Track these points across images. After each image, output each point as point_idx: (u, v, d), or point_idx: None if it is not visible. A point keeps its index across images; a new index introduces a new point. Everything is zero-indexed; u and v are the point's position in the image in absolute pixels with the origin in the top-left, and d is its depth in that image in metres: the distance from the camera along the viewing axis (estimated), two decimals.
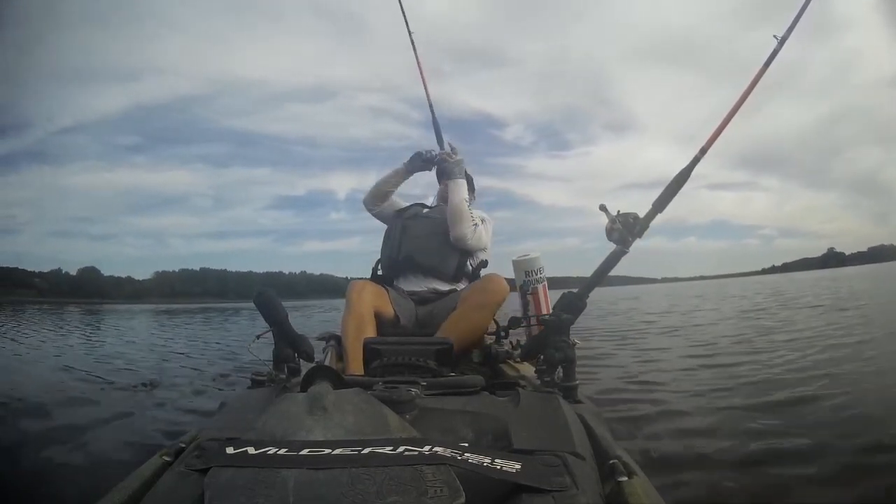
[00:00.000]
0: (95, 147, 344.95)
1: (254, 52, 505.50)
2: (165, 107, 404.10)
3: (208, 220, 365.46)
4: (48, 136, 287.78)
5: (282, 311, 1.10)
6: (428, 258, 1.72)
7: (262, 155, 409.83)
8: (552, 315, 1.06)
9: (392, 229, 1.82)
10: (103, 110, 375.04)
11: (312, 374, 0.77)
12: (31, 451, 1.71)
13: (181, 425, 1.96)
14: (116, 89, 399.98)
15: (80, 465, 1.58)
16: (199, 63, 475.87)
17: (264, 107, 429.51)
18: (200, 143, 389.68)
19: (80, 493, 1.26)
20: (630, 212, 1.05)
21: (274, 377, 1.07)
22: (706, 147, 1.11)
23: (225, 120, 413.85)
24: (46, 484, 1.42)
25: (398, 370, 0.95)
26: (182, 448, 0.62)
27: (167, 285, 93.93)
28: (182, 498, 0.48)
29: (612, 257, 1.07)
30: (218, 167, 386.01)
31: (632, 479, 0.56)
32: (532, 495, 0.47)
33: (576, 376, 1.01)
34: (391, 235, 1.80)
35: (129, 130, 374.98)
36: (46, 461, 1.61)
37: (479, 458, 0.50)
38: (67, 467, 1.57)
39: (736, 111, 1.14)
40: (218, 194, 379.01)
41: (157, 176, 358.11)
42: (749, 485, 1.30)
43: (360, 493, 0.43)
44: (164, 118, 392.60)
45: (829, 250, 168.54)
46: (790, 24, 1.19)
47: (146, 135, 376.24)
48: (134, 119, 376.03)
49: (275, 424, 0.58)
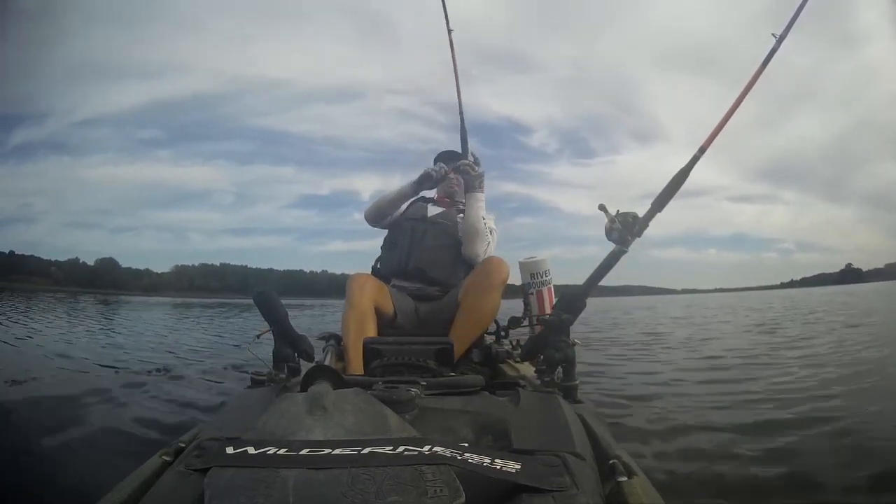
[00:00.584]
0: (117, 140, 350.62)
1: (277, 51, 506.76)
2: (188, 103, 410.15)
3: (230, 217, 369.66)
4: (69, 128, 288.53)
5: (281, 311, 1.09)
6: (439, 272, 1.65)
7: (287, 153, 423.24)
8: (552, 315, 1.06)
9: (399, 234, 1.73)
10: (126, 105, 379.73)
11: (312, 374, 0.77)
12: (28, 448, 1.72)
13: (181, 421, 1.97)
14: (139, 85, 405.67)
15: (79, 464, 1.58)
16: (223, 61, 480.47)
17: (289, 106, 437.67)
18: (224, 141, 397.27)
19: (81, 493, 1.26)
20: (629, 211, 1.06)
21: (274, 377, 1.07)
22: (705, 146, 1.11)
23: (248, 118, 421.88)
24: (47, 484, 1.42)
25: (398, 370, 0.95)
26: (182, 448, 0.63)
27: (186, 279, 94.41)
28: (182, 498, 0.48)
29: (612, 257, 1.07)
30: (241, 164, 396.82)
31: (632, 479, 0.56)
32: (532, 495, 0.47)
33: (576, 376, 1.01)
34: (399, 241, 1.71)
35: (151, 125, 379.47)
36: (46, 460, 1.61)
37: (479, 458, 0.50)
38: (67, 467, 1.57)
39: (735, 109, 1.15)
40: (240, 191, 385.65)
41: (179, 171, 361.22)
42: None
43: (360, 493, 0.43)
44: (186, 114, 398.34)
45: (847, 266, 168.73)
46: (788, 23, 1.19)
47: (169, 130, 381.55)
48: (156, 114, 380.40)
49: (275, 424, 0.58)
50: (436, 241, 1.68)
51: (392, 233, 1.77)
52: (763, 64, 1.18)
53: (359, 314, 1.39)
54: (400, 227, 1.74)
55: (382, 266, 1.77)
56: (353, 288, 1.43)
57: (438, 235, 1.69)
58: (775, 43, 1.18)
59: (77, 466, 1.56)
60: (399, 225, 1.75)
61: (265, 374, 1.05)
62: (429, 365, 0.95)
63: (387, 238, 1.79)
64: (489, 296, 1.41)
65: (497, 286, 1.41)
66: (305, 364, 1.16)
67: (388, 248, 1.75)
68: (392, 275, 1.70)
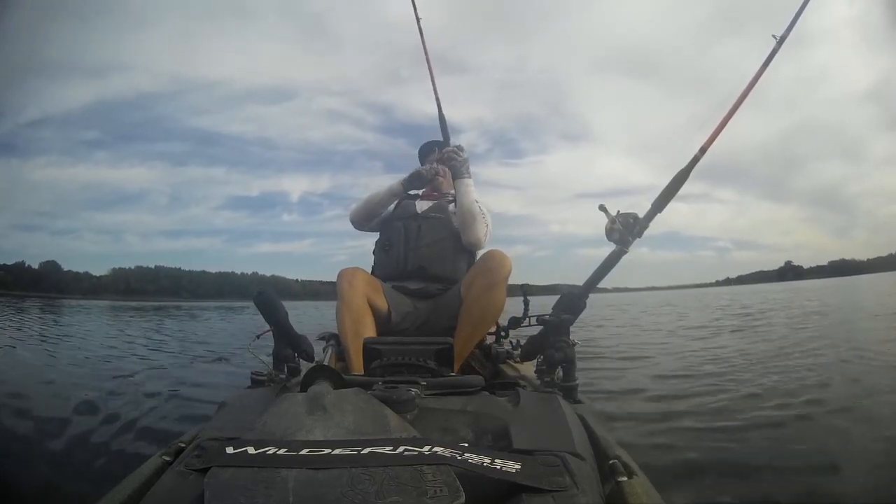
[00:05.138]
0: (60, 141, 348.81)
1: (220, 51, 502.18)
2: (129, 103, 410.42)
3: (164, 219, 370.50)
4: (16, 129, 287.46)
5: (281, 311, 1.09)
6: (441, 267, 1.59)
7: (220, 154, 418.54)
8: (552, 315, 1.06)
9: (392, 234, 1.66)
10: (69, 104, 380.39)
11: (312, 374, 0.77)
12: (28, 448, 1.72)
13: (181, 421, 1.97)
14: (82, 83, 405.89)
15: (79, 465, 1.58)
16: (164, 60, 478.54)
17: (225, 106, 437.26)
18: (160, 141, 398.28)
19: (81, 493, 1.26)
20: (630, 212, 1.06)
21: (274, 377, 1.07)
22: (706, 146, 1.11)
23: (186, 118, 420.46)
24: (47, 484, 1.42)
25: (398, 370, 0.95)
26: (182, 448, 0.62)
27: (123, 282, 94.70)
28: (182, 498, 0.48)
29: (612, 257, 1.07)
30: (176, 165, 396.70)
31: (632, 479, 0.56)
32: (532, 495, 0.47)
33: (576, 376, 1.01)
34: (393, 242, 1.64)
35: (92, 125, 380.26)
36: (46, 461, 1.61)
37: (479, 458, 0.50)
38: (67, 466, 1.57)
39: (735, 110, 1.15)
40: (175, 193, 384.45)
41: (117, 172, 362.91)
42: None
43: (360, 493, 0.43)
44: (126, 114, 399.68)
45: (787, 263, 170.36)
46: (789, 24, 1.20)
47: (108, 131, 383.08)
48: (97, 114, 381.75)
49: (275, 424, 0.58)
50: (432, 236, 1.62)
51: (384, 234, 1.70)
52: (763, 65, 1.18)
53: (352, 311, 1.37)
54: (391, 227, 1.68)
55: (379, 270, 1.69)
56: (343, 283, 1.40)
57: (434, 230, 1.63)
58: (776, 44, 1.18)
59: (77, 467, 1.56)
60: (390, 225, 1.69)
61: (265, 375, 1.05)
62: (429, 365, 0.95)
63: (379, 241, 1.72)
64: (493, 292, 1.37)
65: (501, 281, 1.38)
66: (305, 364, 1.17)
67: (383, 251, 1.67)
68: (391, 278, 1.62)
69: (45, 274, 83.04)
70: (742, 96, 1.16)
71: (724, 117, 1.14)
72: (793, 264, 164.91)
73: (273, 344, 1.14)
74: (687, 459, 1.51)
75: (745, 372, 2.88)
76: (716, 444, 1.64)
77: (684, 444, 1.64)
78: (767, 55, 1.18)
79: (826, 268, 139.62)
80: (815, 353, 3.46)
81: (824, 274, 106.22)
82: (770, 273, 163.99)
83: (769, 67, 1.18)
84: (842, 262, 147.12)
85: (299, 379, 0.97)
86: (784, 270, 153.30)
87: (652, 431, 1.80)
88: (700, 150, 1.11)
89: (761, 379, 2.63)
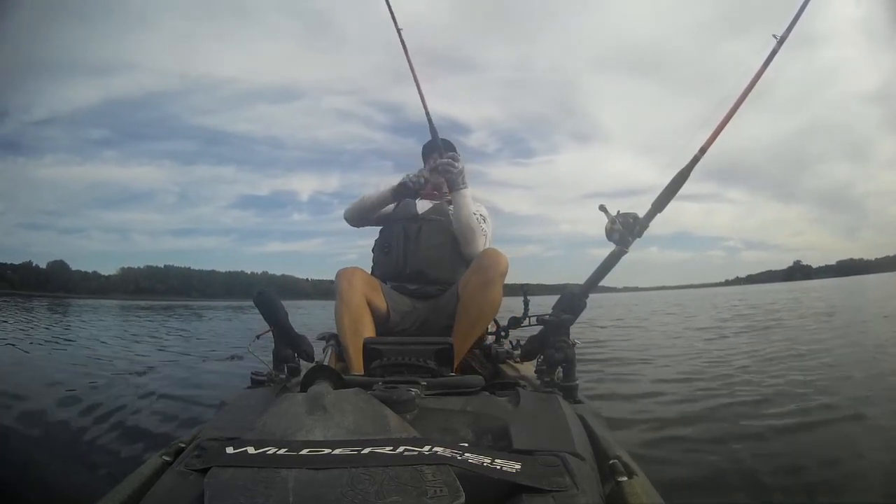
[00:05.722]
0: (67, 140, 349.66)
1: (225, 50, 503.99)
2: (136, 102, 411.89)
3: (173, 217, 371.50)
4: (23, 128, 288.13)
5: (282, 311, 1.09)
6: (440, 271, 1.60)
7: (228, 153, 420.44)
8: (552, 315, 1.06)
9: (392, 236, 1.66)
10: (76, 103, 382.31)
11: (312, 374, 0.77)
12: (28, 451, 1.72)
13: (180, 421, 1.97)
14: (90, 82, 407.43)
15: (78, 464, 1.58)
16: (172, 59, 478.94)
17: (232, 105, 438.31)
18: (168, 140, 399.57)
19: (81, 493, 1.26)
20: (630, 212, 1.06)
21: (274, 377, 1.07)
22: (706, 146, 1.11)
23: (193, 117, 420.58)
24: (47, 484, 1.42)
25: (398, 370, 0.95)
26: (182, 448, 0.62)
27: (132, 281, 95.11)
28: (182, 498, 0.48)
29: (612, 257, 1.07)
30: (184, 164, 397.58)
31: (632, 479, 0.56)
32: (532, 495, 0.47)
33: (576, 376, 1.01)
34: (393, 244, 1.64)
35: (99, 124, 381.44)
36: (46, 461, 1.61)
37: (479, 458, 0.50)
38: (66, 466, 1.57)
39: (735, 111, 1.14)
40: (183, 191, 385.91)
41: (125, 171, 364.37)
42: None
43: (360, 493, 0.43)
44: (134, 113, 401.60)
45: (795, 263, 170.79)
46: (789, 24, 1.19)
47: (116, 129, 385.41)
48: (105, 113, 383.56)
49: (275, 424, 0.58)
50: (432, 239, 1.62)
51: (384, 235, 1.71)
52: (764, 65, 1.18)
53: (352, 312, 1.37)
54: (391, 228, 1.68)
55: (378, 271, 1.70)
56: (342, 282, 1.40)
57: (434, 233, 1.63)
58: (776, 44, 1.18)
59: (77, 467, 1.56)
60: (390, 226, 1.69)
61: (265, 375, 1.05)
62: (429, 365, 0.95)
63: (378, 241, 1.72)
64: (489, 290, 1.37)
65: (496, 279, 1.38)
66: (305, 364, 1.16)
67: (382, 252, 1.67)
68: (389, 279, 1.63)
69: (53, 273, 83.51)
70: (742, 97, 1.15)
71: (723, 117, 1.13)
72: (801, 264, 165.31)
73: (273, 344, 1.14)
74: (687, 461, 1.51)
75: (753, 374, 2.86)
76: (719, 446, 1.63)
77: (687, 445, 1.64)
78: (767, 55, 1.18)
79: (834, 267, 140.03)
80: (825, 355, 3.42)
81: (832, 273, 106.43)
82: (779, 273, 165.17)
83: (770, 68, 1.18)
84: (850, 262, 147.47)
85: (299, 379, 0.97)
86: (793, 270, 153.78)
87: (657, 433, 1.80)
88: (700, 150, 1.11)
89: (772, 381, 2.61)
